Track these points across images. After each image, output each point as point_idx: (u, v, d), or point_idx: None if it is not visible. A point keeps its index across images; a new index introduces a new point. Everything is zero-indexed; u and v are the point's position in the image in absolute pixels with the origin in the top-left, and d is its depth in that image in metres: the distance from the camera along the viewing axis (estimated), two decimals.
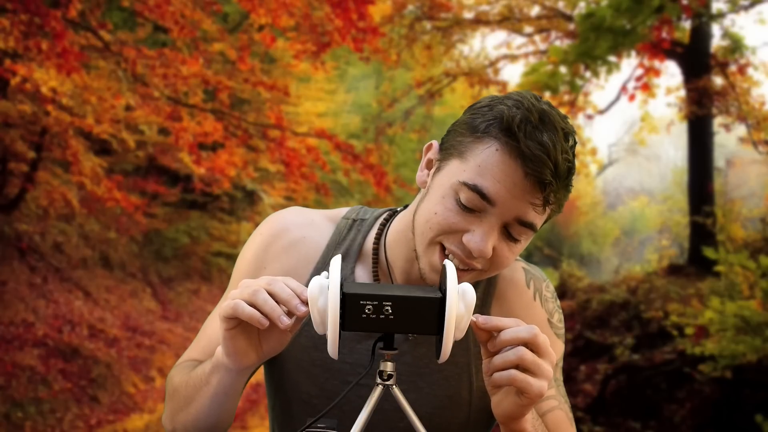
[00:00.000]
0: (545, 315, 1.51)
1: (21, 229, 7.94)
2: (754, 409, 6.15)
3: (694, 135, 9.34)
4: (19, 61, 6.78)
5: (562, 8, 10.00)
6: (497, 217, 1.30)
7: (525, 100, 1.32)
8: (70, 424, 6.81)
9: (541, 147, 1.26)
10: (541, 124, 1.28)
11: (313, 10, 8.06)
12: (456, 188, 1.32)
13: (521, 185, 1.28)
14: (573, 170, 1.31)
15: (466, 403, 1.47)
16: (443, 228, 1.33)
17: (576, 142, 1.34)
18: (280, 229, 1.51)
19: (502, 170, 1.28)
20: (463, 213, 1.31)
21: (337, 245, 1.49)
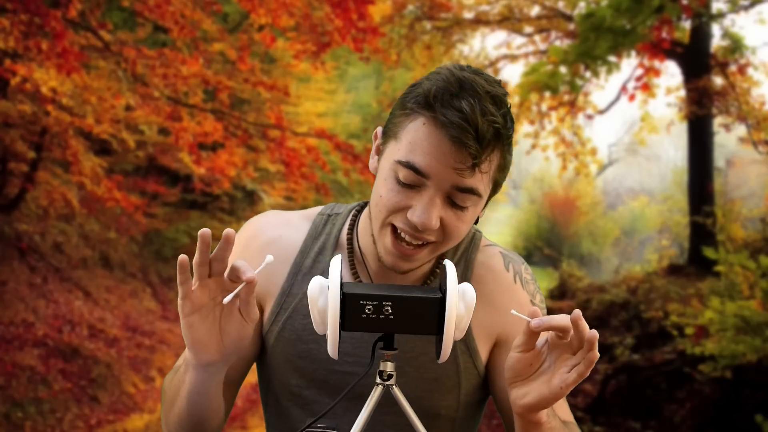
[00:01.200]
0: (528, 297, 1.52)
1: (21, 229, 7.94)
2: (754, 409, 6.14)
3: (694, 135, 9.33)
4: (19, 61, 6.78)
5: (562, 8, 10.00)
6: (435, 188, 1.32)
7: (447, 71, 1.34)
8: (70, 424, 6.81)
9: (459, 113, 1.28)
10: (460, 91, 1.30)
11: (313, 10, 8.06)
12: (394, 168, 1.35)
13: (449, 153, 1.30)
14: (503, 132, 1.32)
15: (454, 385, 1.48)
16: (389, 208, 1.36)
17: (507, 105, 1.35)
18: (256, 230, 1.55)
19: (429, 143, 1.31)
20: (403, 190, 1.34)
21: (314, 240, 1.52)
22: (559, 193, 15.98)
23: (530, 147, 10.43)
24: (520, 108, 10.27)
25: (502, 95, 1.34)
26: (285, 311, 1.49)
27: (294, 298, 1.49)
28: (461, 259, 1.52)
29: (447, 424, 1.51)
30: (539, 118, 10.14)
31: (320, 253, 1.51)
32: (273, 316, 1.50)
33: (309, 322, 1.44)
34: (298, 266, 1.50)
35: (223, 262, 1.26)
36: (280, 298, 1.50)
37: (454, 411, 1.50)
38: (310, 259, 1.51)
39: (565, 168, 10.31)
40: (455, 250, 1.52)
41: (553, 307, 9.44)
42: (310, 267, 1.50)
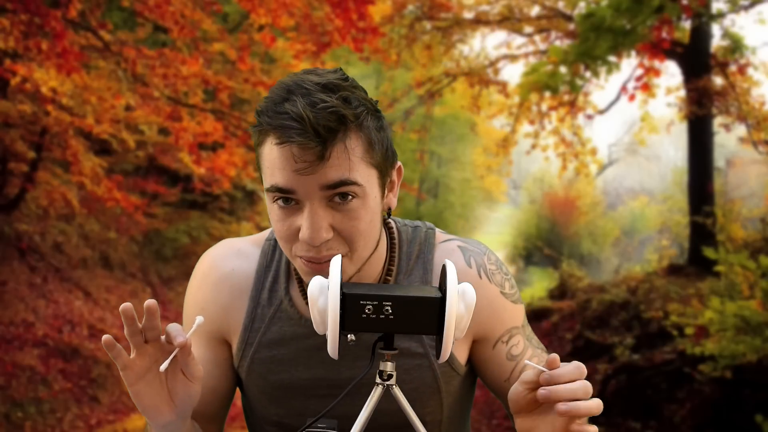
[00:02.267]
0: (496, 289, 1.47)
1: (21, 229, 7.94)
2: (754, 409, 6.14)
3: (694, 135, 9.34)
4: (19, 61, 6.78)
5: (562, 8, 10.00)
6: (307, 198, 1.29)
7: (276, 85, 1.33)
8: (70, 424, 6.81)
9: (285, 115, 1.26)
10: (287, 95, 1.28)
11: (313, 10, 8.06)
12: (269, 198, 1.32)
13: (294, 158, 1.26)
14: (346, 112, 1.27)
15: (434, 392, 1.47)
16: (285, 239, 1.33)
17: (347, 87, 1.30)
18: (208, 267, 1.53)
19: (278, 158, 1.28)
20: (286, 216, 1.31)
21: (266, 269, 1.50)
22: (559, 193, 15.98)
23: (530, 147, 10.43)
24: (520, 108, 10.27)
25: (337, 79, 1.30)
26: (251, 346, 1.48)
27: (257, 333, 1.48)
28: (417, 262, 1.48)
29: (434, 429, 1.51)
30: (539, 118, 10.14)
31: (275, 283, 1.49)
32: (240, 352, 1.50)
33: (276, 354, 1.45)
34: (255, 300, 1.49)
35: (155, 330, 1.27)
36: (243, 334, 1.49)
37: (439, 414, 1.50)
38: (266, 292, 1.49)
39: (565, 168, 10.32)
40: (409, 255, 1.48)
41: (552, 307, 9.44)
42: (268, 299, 1.48)
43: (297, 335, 1.46)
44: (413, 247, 1.49)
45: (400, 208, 10.50)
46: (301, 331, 1.45)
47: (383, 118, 1.36)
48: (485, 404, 7.56)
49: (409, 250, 1.48)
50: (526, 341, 1.50)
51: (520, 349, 1.49)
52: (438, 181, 14.74)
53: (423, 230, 1.51)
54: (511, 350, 1.48)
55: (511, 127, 10.47)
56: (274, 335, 1.47)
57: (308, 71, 1.34)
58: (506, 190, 16.84)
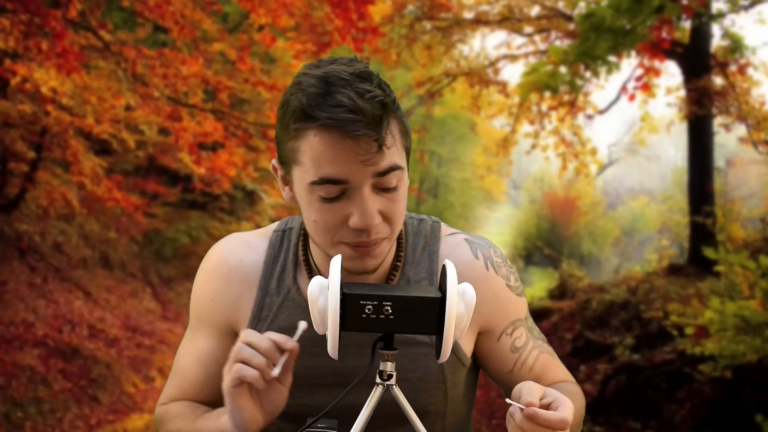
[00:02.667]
0: (502, 281, 1.50)
1: (21, 229, 7.94)
2: (754, 409, 6.14)
3: (694, 135, 9.34)
4: (19, 61, 6.77)
5: (562, 8, 10.00)
6: (358, 187, 1.30)
7: (305, 77, 1.32)
8: (70, 424, 6.81)
9: (342, 108, 1.26)
10: (329, 88, 1.28)
11: (313, 10, 8.06)
12: (311, 190, 1.33)
13: (352, 150, 1.28)
14: (387, 100, 1.29)
15: (440, 382, 1.47)
16: (328, 229, 1.35)
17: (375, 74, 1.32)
18: (217, 260, 1.54)
19: (330, 150, 1.29)
20: (332, 206, 1.33)
21: (274, 259, 1.52)
22: (559, 193, 15.99)
23: (530, 147, 10.44)
24: (520, 108, 10.28)
25: (365, 68, 1.32)
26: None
27: (265, 321, 1.49)
28: (423, 254, 1.49)
29: (438, 420, 1.51)
30: (539, 118, 10.15)
31: (283, 272, 1.50)
32: None
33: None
34: (264, 290, 1.50)
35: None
36: (252, 323, 1.50)
37: (443, 406, 1.50)
38: (274, 281, 1.50)
39: (565, 168, 10.32)
40: (415, 246, 1.50)
41: (552, 308, 9.45)
42: (276, 288, 1.50)
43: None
44: (419, 238, 1.50)
45: None
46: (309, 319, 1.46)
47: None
48: (485, 404, 7.56)
49: (415, 241, 1.50)
50: (528, 333, 1.52)
51: (522, 341, 1.51)
52: (438, 181, 14.75)
53: (429, 223, 1.53)
54: (515, 342, 1.50)
55: (511, 127, 10.47)
56: (282, 323, 1.48)
57: (329, 61, 1.34)
58: (506, 190, 16.86)
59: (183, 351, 1.56)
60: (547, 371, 1.53)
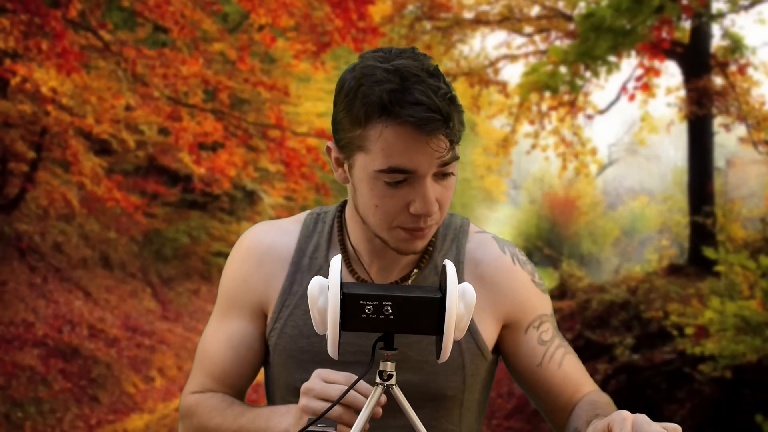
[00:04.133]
0: (528, 276, 1.54)
1: (21, 229, 7.94)
2: (754, 409, 6.14)
3: (694, 135, 9.33)
4: (19, 61, 6.78)
5: (562, 8, 10.00)
6: (423, 176, 1.36)
7: (373, 69, 1.35)
8: (70, 424, 6.81)
9: (421, 106, 1.31)
10: (404, 83, 1.33)
11: (313, 10, 8.06)
12: (376, 177, 1.37)
13: (425, 144, 1.33)
14: (453, 96, 1.35)
15: (459, 367, 1.49)
16: (390, 214, 1.39)
17: (436, 66, 1.38)
18: (251, 241, 1.58)
19: (404, 142, 1.33)
20: (395, 191, 1.37)
21: (307, 239, 1.55)
22: (559, 193, 15.99)
23: (530, 147, 10.44)
24: (520, 108, 10.28)
25: (431, 62, 1.38)
26: (287, 308, 1.52)
27: (295, 296, 1.52)
28: (452, 245, 1.53)
29: (455, 406, 1.52)
30: (539, 118, 10.15)
31: (316, 251, 1.53)
32: (276, 315, 1.53)
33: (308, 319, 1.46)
34: (296, 265, 1.53)
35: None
36: (281, 298, 1.52)
37: (461, 392, 1.51)
38: (307, 258, 1.54)
39: (565, 168, 10.32)
40: (444, 236, 1.54)
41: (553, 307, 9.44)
42: (308, 265, 1.53)
43: None
44: (449, 230, 1.55)
45: None
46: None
47: None
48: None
49: (444, 232, 1.54)
50: (554, 330, 1.55)
51: (549, 336, 1.53)
52: None
53: (459, 219, 1.58)
54: (542, 335, 1.52)
55: (511, 127, 10.47)
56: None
57: (395, 54, 1.39)
58: (506, 190, 16.86)
59: (210, 336, 1.57)
60: (576, 374, 1.54)
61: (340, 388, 1.29)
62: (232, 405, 1.51)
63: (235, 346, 1.53)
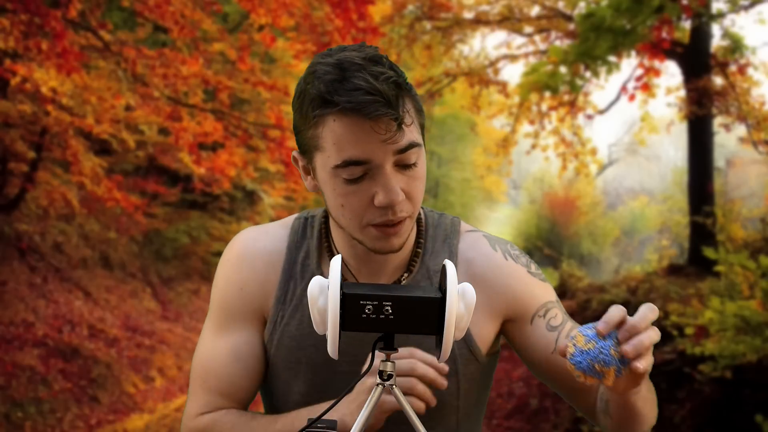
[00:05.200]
0: (522, 269, 1.53)
1: (21, 229, 7.94)
2: (754, 409, 6.14)
3: (694, 135, 9.33)
4: (19, 61, 6.78)
5: (562, 8, 10.00)
6: (380, 166, 1.34)
7: (319, 66, 1.35)
8: (70, 424, 6.81)
9: (360, 91, 1.30)
10: (344, 73, 1.32)
11: (313, 10, 8.06)
12: (335, 174, 1.36)
13: (372, 130, 1.31)
14: (401, 80, 1.33)
15: (452, 373, 1.47)
16: (356, 211, 1.37)
17: (385, 55, 1.37)
18: (242, 248, 1.56)
19: (350, 133, 1.32)
20: (356, 187, 1.36)
21: (297, 245, 1.54)
22: (559, 193, 15.99)
23: (530, 147, 10.44)
24: (520, 108, 10.28)
25: (375, 50, 1.36)
26: (282, 319, 1.50)
27: (288, 306, 1.50)
28: (444, 246, 1.52)
29: (451, 413, 1.52)
30: (539, 118, 10.15)
31: (306, 257, 1.52)
32: (272, 326, 1.51)
33: (305, 327, 1.46)
34: (288, 273, 1.51)
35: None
36: (276, 308, 1.51)
37: (455, 398, 1.51)
38: (298, 265, 1.52)
39: (565, 168, 10.32)
40: (435, 237, 1.52)
41: None
42: (300, 273, 1.51)
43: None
44: (439, 231, 1.53)
45: None
46: None
47: None
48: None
49: (435, 233, 1.53)
50: (563, 315, 1.52)
51: (559, 321, 1.51)
52: (438, 181, 14.75)
53: (449, 219, 1.56)
54: (550, 322, 1.50)
55: (511, 127, 10.48)
56: (305, 309, 1.47)
57: (339, 49, 1.38)
58: (506, 190, 16.86)
59: (210, 351, 1.52)
60: None
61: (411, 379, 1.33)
62: (255, 417, 1.47)
63: (242, 358, 1.49)
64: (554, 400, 7.41)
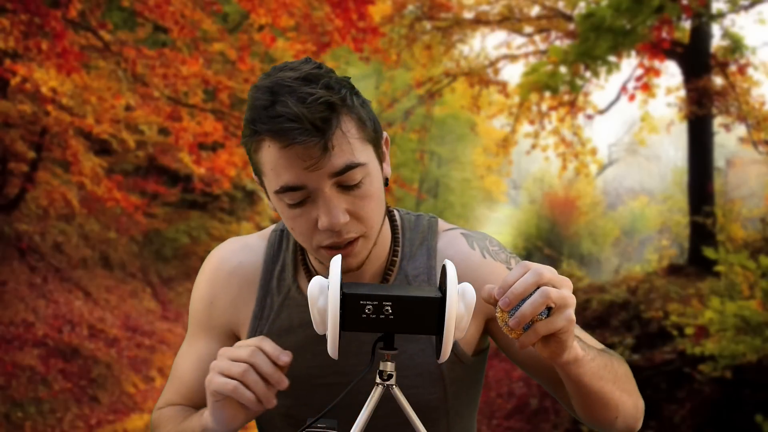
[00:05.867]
0: (501, 266, 1.50)
1: (21, 229, 7.94)
2: (754, 409, 6.15)
3: (694, 135, 9.33)
4: (19, 61, 6.78)
5: (562, 8, 10.00)
6: (318, 189, 1.32)
7: (254, 90, 1.33)
8: (70, 424, 6.81)
9: (281, 118, 1.28)
10: (273, 97, 1.30)
11: (313, 10, 8.06)
12: (279, 199, 1.35)
13: (298, 157, 1.29)
14: (333, 99, 1.29)
15: (438, 378, 1.47)
16: (304, 234, 1.36)
17: (326, 72, 1.33)
18: (218, 262, 1.56)
19: (282, 158, 1.31)
20: (300, 210, 1.34)
21: (273, 259, 1.53)
22: (559, 193, 15.98)
23: (530, 147, 10.44)
24: (520, 108, 10.28)
25: (312, 69, 1.32)
26: (260, 334, 1.50)
27: (267, 321, 1.50)
28: (421, 248, 1.50)
29: (440, 416, 1.51)
30: (539, 118, 10.15)
31: (282, 271, 1.51)
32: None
33: (285, 342, 1.45)
34: (264, 289, 1.51)
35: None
36: (254, 323, 1.51)
37: (444, 402, 1.50)
38: (274, 280, 1.51)
39: (565, 168, 10.32)
40: (413, 240, 1.51)
41: None
42: (277, 287, 1.51)
43: (305, 322, 1.45)
44: (416, 233, 1.51)
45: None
46: (309, 317, 1.46)
47: (360, 93, 1.39)
48: (485, 404, 7.56)
49: (412, 236, 1.51)
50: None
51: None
52: (438, 181, 14.75)
53: (426, 219, 1.54)
54: None
55: (511, 127, 10.47)
56: (283, 323, 1.49)
57: (280, 68, 1.35)
58: (506, 190, 16.85)
59: (182, 356, 1.57)
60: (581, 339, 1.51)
61: (242, 365, 1.27)
62: (184, 411, 1.50)
63: (204, 369, 1.48)
64: (554, 400, 7.38)
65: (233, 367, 1.27)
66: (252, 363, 1.27)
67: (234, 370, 1.26)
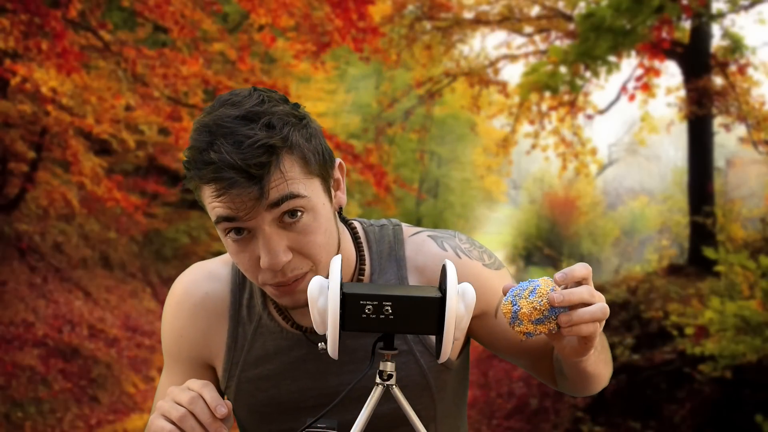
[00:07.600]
0: (478, 263, 1.48)
1: (21, 229, 7.94)
2: (754, 409, 6.15)
3: (694, 135, 9.34)
4: (19, 61, 6.78)
5: (562, 8, 10.00)
6: (257, 227, 1.28)
7: (195, 125, 1.28)
8: (70, 424, 6.81)
9: (209, 168, 1.24)
10: (206, 139, 1.25)
11: (313, 10, 8.06)
12: (222, 232, 1.31)
13: (236, 202, 1.25)
14: (273, 141, 1.24)
15: (423, 387, 1.46)
16: (250, 271, 1.33)
17: (270, 108, 1.27)
18: (182, 294, 1.52)
19: (216, 201, 1.27)
20: (244, 245, 1.30)
21: (240, 287, 1.49)
22: (559, 193, 15.99)
23: (530, 147, 10.44)
24: (520, 108, 10.28)
25: (254, 105, 1.26)
26: (237, 366, 1.48)
27: (241, 351, 1.48)
28: (390, 259, 1.47)
29: (429, 421, 1.51)
30: (539, 118, 10.15)
31: (251, 299, 1.48)
32: (227, 374, 1.50)
33: (262, 370, 1.45)
34: (235, 320, 1.48)
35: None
36: (228, 355, 1.49)
37: (432, 410, 1.50)
38: (244, 309, 1.49)
39: (565, 168, 10.32)
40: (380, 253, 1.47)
41: None
42: (247, 316, 1.48)
43: (280, 348, 1.46)
44: (383, 245, 1.48)
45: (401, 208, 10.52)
46: (284, 343, 1.46)
47: (310, 122, 1.33)
48: (485, 404, 7.56)
49: (379, 249, 1.47)
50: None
51: None
52: (438, 181, 14.75)
53: (390, 228, 1.50)
54: None
55: (511, 127, 10.47)
56: (258, 351, 1.47)
57: (224, 100, 1.29)
58: (506, 190, 16.85)
59: (161, 387, 1.54)
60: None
61: (182, 410, 1.22)
62: None
63: None
64: (554, 400, 7.41)
65: (173, 410, 1.22)
66: (191, 410, 1.22)
67: (174, 414, 1.22)
